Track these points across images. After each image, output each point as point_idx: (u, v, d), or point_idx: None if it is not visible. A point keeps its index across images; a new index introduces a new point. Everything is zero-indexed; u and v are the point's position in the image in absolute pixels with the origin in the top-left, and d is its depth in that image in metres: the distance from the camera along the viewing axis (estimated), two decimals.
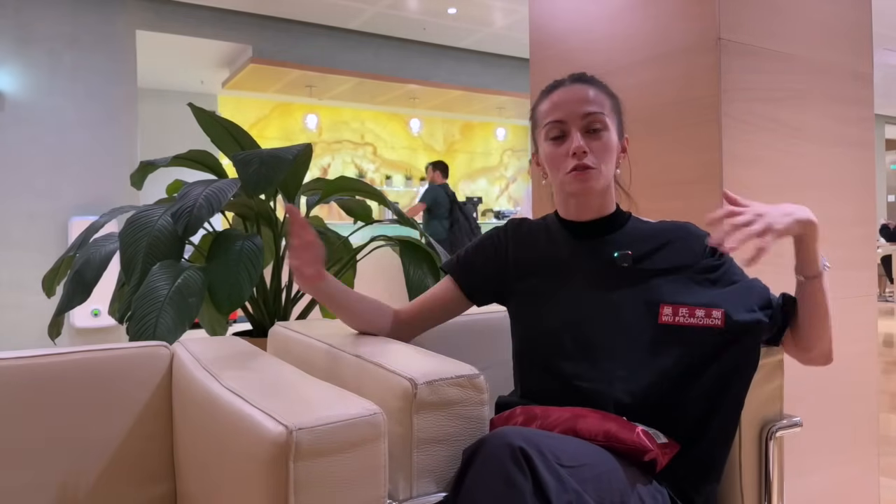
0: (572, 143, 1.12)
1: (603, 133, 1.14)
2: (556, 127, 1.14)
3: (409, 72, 6.93)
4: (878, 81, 6.55)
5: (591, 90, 1.16)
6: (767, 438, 1.14)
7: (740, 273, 1.14)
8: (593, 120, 1.13)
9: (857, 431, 1.88)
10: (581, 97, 1.14)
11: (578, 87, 1.16)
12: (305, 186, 2.14)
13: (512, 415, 1.07)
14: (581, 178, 1.12)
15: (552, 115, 1.15)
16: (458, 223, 5.78)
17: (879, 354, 4.33)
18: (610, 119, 1.15)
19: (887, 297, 8.52)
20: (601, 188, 1.16)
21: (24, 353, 1.07)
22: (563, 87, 1.17)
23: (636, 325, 1.09)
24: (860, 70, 1.90)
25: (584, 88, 1.16)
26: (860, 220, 1.90)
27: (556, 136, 1.15)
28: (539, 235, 1.23)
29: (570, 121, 1.13)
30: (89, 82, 5.03)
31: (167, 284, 1.53)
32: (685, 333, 1.06)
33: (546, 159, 1.18)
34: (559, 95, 1.16)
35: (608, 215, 1.19)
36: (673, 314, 1.08)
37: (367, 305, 1.20)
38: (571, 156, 1.12)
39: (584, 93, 1.15)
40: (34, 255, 4.76)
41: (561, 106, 1.14)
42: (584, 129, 1.13)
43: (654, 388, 1.05)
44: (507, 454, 0.82)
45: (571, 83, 1.17)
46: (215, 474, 0.93)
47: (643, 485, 0.95)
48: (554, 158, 1.15)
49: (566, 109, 1.14)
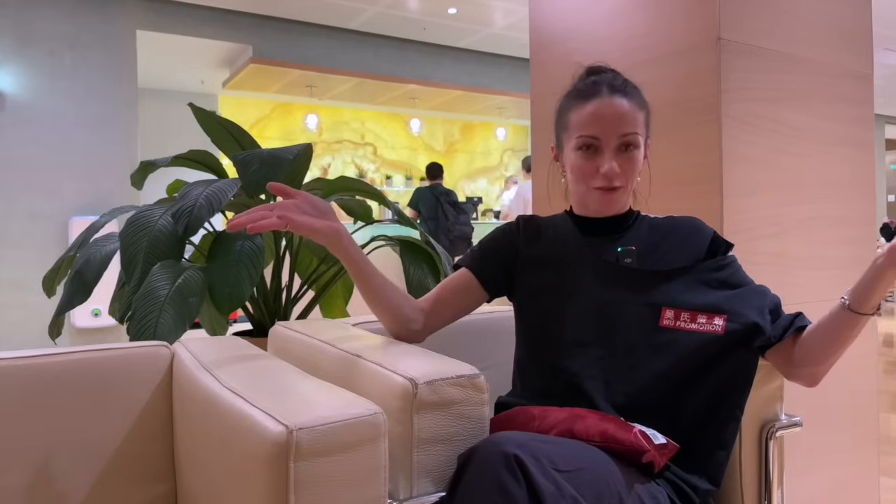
0: (604, 163, 1.10)
1: (634, 151, 1.12)
2: (588, 141, 1.11)
3: (409, 72, 6.93)
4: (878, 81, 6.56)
5: (627, 104, 1.12)
6: (767, 438, 1.14)
7: (748, 277, 1.14)
8: (628, 139, 1.11)
9: (857, 431, 1.88)
10: (619, 114, 1.10)
11: (617, 102, 1.11)
12: (305, 186, 2.14)
13: (511, 415, 1.07)
14: (607, 199, 1.13)
15: (587, 130, 1.11)
16: (438, 222, 5.77)
17: (879, 354, 4.34)
18: (641, 135, 1.13)
19: (887, 297, 8.52)
20: (622, 203, 1.17)
21: (24, 353, 1.07)
22: (601, 99, 1.12)
23: (637, 327, 1.09)
24: (860, 70, 1.90)
25: (622, 103, 1.11)
26: (860, 220, 1.90)
27: (587, 148, 1.12)
28: (548, 231, 1.23)
29: (605, 139, 1.10)
30: (89, 82, 5.03)
31: (167, 284, 1.53)
32: (685, 338, 1.06)
33: (572, 168, 1.15)
34: (596, 108, 1.11)
35: (620, 214, 1.19)
36: (674, 318, 1.08)
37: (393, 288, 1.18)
38: (601, 174, 1.11)
39: (622, 109, 1.11)
40: (34, 255, 4.76)
41: (597, 122, 1.10)
42: (617, 148, 1.11)
43: (652, 390, 1.05)
44: (500, 462, 0.82)
45: (610, 95, 1.12)
46: (215, 474, 0.94)
47: (641, 486, 0.95)
48: (582, 171, 1.13)
49: (603, 127, 1.10)
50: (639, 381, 1.05)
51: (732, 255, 1.16)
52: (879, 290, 0.96)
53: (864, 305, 0.97)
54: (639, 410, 1.03)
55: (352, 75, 6.50)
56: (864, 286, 0.97)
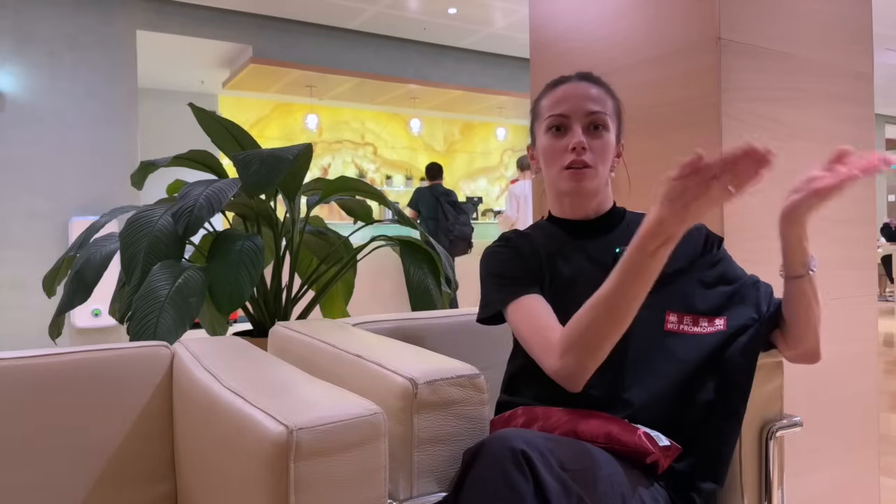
0: (573, 138, 1.12)
1: (603, 133, 1.14)
2: (557, 120, 1.14)
3: (409, 72, 6.94)
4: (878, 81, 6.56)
5: (595, 89, 1.16)
6: (767, 438, 1.14)
7: (741, 269, 1.15)
8: (596, 119, 1.13)
9: (858, 431, 1.88)
10: (586, 94, 1.14)
11: (584, 85, 1.16)
12: (306, 186, 2.14)
13: (513, 415, 1.07)
14: (576, 176, 1.12)
15: (555, 109, 1.15)
16: (438, 222, 5.77)
17: (879, 354, 4.34)
18: (611, 120, 1.15)
19: (887, 297, 8.52)
20: (594, 188, 1.15)
21: (24, 353, 1.07)
22: (569, 83, 1.17)
23: (642, 331, 1.08)
24: (860, 70, 1.90)
25: (589, 86, 1.16)
26: (860, 220, 1.90)
27: (557, 130, 1.14)
28: (536, 241, 1.19)
29: (573, 116, 1.13)
30: (89, 82, 5.03)
31: (167, 284, 1.53)
32: (689, 341, 1.07)
33: (543, 152, 1.17)
34: (564, 90, 1.16)
35: (606, 213, 1.19)
36: (678, 322, 1.09)
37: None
38: (570, 150, 1.12)
39: (589, 91, 1.15)
40: (34, 255, 4.76)
41: (565, 101, 1.14)
42: (585, 127, 1.13)
43: (656, 393, 1.05)
44: (508, 457, 0.82)
45: (578, 80, 1.17)
46: (216, 474, 0.94)
47: (644, 487, 0.95)
48: (552, 152, 1.15)
49: (570, 104, 1.14)
50: (643, 383, 1.06)
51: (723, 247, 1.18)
52: (791, 248, 1.01)
53: (795, 268, 1.02)
54: (642, 412, 1.04)
55: (352, 75, 6.50)
56: (783, 252, 1.03)
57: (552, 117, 1.15)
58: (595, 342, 0.96)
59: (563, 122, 1.14)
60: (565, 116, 1.14)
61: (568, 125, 1.14)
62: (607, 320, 0.95)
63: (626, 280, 0.93)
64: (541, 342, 1.03)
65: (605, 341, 0.96)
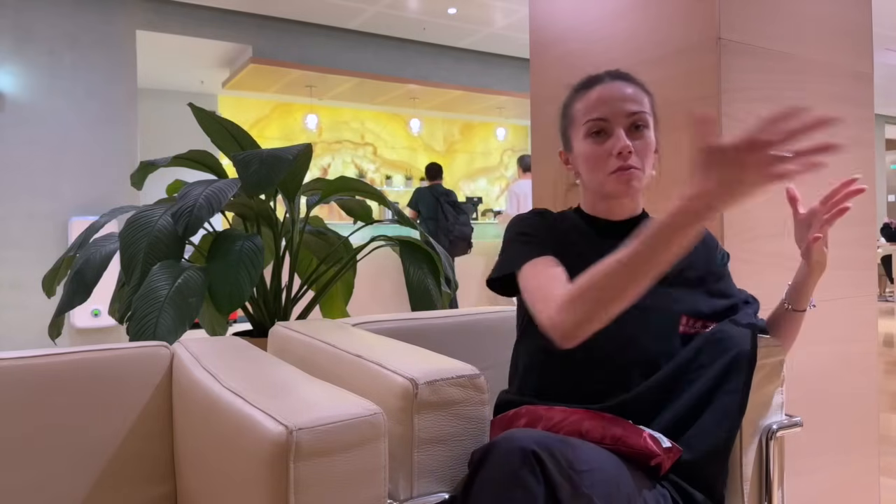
0: (617, 143, 1.07)
1: (645, 131, 1.10)
2: (598, 125, 1.10)
3: (409, 72, 6.93)
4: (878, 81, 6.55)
5: (630, 87, 1.12)
6: (767, 438, 1.14)
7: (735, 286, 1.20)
8: (637, 119, 1.09)
9: (858, 431, 1.88)
10: (623, 95, 1.10)
11: (619, 84, 1.11)
12: (305, 186, 2.14)
13: (516, 415, 1.06)
14: (625, 178, 1.08)
15: (593, 113, 1.10)
16: (438, 222, 5.77)
17: (879, 354, 4.34)
18: (650, 116, 1.12)
19: (887, 297, 8.52)
20: (640, 189, 1.12)
21: (24, 353, 1.07)
22: (603, 84, 1.12)
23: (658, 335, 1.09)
24: (860, 70, 1.90)
25: (624, 85, 1.11)
26: (860, 220, 1.90)
27: (598, 135, 1.10)
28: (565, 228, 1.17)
29: (614, 119, 1.09)
30: (89, 82, 5.03)
31: (167, 284, 1.53)
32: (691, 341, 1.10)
33: (584, 158, 1.12)
34: (599, 92, 1.11)
35: (638, 216, 1.18)
36: (691, 325, 1.11)
37: None
38: (616, 155, 1.08)
39: (625, 90, 1.11)
40: (34, 255, 4.76)
41: (603, 103, 1.10)
42: (627, 128, 1.09)
43: (659, 393, 1.05)
44: (518, 458, 0.81)
45: (611, 80, 1.12)
46: (216, 474, 0.93)
47: (648, 489, 0.95)
48: (595, 158, 1.10)
49: (609, 107, 1.09)
50: (650, 385, 1.06)
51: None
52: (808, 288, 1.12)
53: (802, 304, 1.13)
54: (646, 413, 1.04)
55: (352, 75, 6.49)
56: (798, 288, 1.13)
57: (591, 122, 1.10)
58: (595, 306, 0.91)
59: (604, 126, 1.09)
60: (605, 120, 1.09)
61: (609, 129, 1.09)
62: (612, 287, 0.89)
63: (643, 252, 0.86)
64: (545, 294, 0.99)
65: (603, 307, 0.91)
